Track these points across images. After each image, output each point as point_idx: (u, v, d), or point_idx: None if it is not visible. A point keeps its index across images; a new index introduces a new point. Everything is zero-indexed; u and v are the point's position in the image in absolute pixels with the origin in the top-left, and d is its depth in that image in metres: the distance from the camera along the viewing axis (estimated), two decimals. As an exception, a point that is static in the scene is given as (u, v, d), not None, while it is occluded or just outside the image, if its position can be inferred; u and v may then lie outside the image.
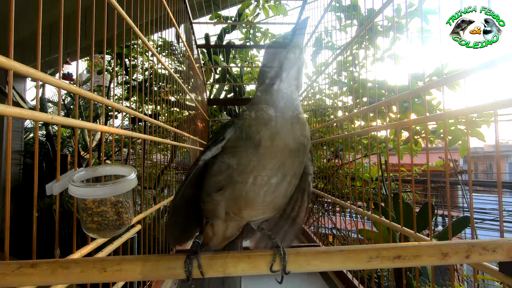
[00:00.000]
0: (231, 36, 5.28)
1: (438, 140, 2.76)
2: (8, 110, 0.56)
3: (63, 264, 0.53)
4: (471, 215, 0.82)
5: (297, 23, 2.94)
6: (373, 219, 1.22)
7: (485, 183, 8.64)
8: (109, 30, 0.98)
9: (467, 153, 0.75)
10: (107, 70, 5.53)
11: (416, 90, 0.94)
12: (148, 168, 1.55)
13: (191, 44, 2.84)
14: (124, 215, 0.71)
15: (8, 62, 0.56)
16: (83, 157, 5.07)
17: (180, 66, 2.60)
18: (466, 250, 0.56)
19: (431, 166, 3.80)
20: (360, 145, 2.28)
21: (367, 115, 1.29)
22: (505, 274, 0.61)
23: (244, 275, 0.57)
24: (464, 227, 1.82)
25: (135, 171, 0.73)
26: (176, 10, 2.01)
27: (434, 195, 5.13)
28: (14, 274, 0.51)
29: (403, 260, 0.57)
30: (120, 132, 1.03)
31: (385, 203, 2.64)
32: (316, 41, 2.39)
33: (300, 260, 0.57)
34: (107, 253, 0.89)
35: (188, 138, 2.40)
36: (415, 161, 3.64)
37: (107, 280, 0.56)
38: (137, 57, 4.42)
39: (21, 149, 5.19)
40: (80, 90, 0.79)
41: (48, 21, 1.49)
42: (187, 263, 0.56)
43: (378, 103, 1.15)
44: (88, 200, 0.67)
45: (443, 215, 4.62)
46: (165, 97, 1.90)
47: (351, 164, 2.97)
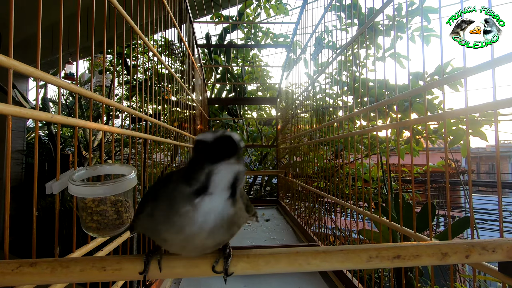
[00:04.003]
0: (232, 36, 5.29)
1: (439, 140, 2.76)
2: (8, 109, 0.56)
3: (63, 263, 0.54)
4: (471, 215, 0.82)
5: (296, 24, 2.94)
6: (374, 219, 1.22)
7: (488, 183, 8.61)
8: (110, 30, 0.98)
9: (467, 153, 0.75)
10: (108, 70, 5.55)
11: (417, 89, 0.94)
12: (149, 167, 1.56)
13: (192, 44, 2.84)
14: (124, 214, 0.71)
15: (8, 61, 0.57)
16: (85, 156, 5.08)
17: (181, 66, 2.60)
18: (465, 250, 0.56)
19: (433, 167, 3.80)
20: (361, 145, 2.28)
21: (368, 115, 1.29)
22: (505, 274, 0.60)
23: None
24: (465, 228, 1.81)
25: (135, 170, 0.73)
26: (176, 10, 2.01)
27: (436, 195, 5.12)
28: (14, 273, 0.52)
29: (403, 260, 0.56)
30: (121, 131, 1.04)
31: (385, 203, 2.64)
32: (316, 40, 2.39)
33: (299, 260, 0.57)
34: (106, 252, 0.90)
35: (189, 137, 2.40)
36: (416, 161, 3.63)
37: (106, 279, 0.56)
38: (138, 56, 4.43)
39: (23, 148, 5.21)
40: (81, 89, 0.80)
41: (50, 21, 1.49)
42: (145, 260, 0.56)
43: (379, 103, 1.15)
44: (87, 199, 0.67)
45: (445, 216, 4.61)
46: (166, 97, 1.90)
47: (352, 164, 2.97)
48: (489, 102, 0.65)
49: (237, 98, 5.08)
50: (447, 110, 0.83)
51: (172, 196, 0.50)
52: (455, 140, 2.15)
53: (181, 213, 0.49)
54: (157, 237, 0.54)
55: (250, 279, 1.57)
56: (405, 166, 3.94)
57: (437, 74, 2.25)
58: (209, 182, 0.47)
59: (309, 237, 2.17)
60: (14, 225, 4.14)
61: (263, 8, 4.63)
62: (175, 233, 0.50)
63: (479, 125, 2.07)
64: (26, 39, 3.52)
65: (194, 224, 0.49)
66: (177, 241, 0.52)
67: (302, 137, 2.71)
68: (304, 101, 2.72)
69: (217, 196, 0.48)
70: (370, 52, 2.93)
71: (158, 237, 0.53)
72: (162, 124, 1.53)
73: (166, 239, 0.52)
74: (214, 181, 0.47)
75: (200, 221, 0.49)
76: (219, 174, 0.46)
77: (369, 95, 1.95)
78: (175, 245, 0.54)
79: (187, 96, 2.48)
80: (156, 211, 0.53)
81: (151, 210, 0.54)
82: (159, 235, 0.52)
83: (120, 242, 1.00)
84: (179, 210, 0.49)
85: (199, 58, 3.48)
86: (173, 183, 0.52)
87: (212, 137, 0.47)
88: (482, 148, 12.23)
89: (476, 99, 0.73)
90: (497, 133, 0.65)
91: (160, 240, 0.54)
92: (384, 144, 2.77)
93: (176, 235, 0.50)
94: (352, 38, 1.46)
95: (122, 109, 1.07)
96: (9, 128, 0.61)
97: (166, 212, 0.51)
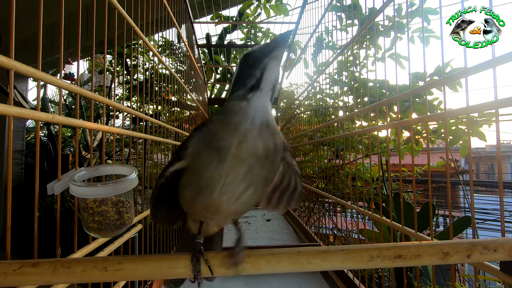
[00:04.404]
0: (232, 36, 5.29)
1: (439, 140, 2.76)
2: (9, 110, 0.56)
3: (65, 263, 0.54)
4: (472, 215, 0.82)
5: (296, 25, 2.94)
6: (374, 218, 1.22)
7: (487, 183, 8.61)
8: (110, 30, 0.98)
9: (468, 152, 0.75)
10: (108, 70, 5.54)
11: (417, 89, 0.94)
12: (149, 167, 1.56)
13: (192, 44, 2.84)
14: (125, 215, 0.71)
15: (9, 62, 0.57)
16: (85, 157, 5.08)
17: (181, 66, 2.60)
18: (467, 249, 0.56)
19: (432, 166, 3.80)
20: (361, 145, 2.28)
21: (368, 115, 1.29)
22: (506, 274, 0.61)
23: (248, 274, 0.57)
24: (465, 227, 1.81)
25: (136, 171, 0.73)
26: (176, 10, 2.01)
27: (435, 195, 5.12)
28: (16, 274, 0.52)
29: (404, 260, 0.56)
30: (121, 131, 1.04)
31: (386, 203, 2.64)
32: (316, 40, 2.39)
33: (301, 260, 0.57)
34: (108, 253, 0.90)
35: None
36: (416, 161, 3.63)
37: (108, 280, 0.56)
38: (138, 57, 4.43)
39: (23, 149, 5.20)
40: (81, 90, 0.80)
41: (49, 21, 1.49)
42: (194, 262, 0.56)
43: (379, 103, 1.15)
44: (89, 200, 0.67)
45: (444, 215, 4.62)
46: (166, 97, 1.90)
47: (352, 164, 2.97)
48: (490, 102, 0.65)
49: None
50: (447, 110, 0.83)
51: (227, 103, 0.59)
52: (455, 140, 2.15)
53: (237, 110, 0.56)
54: (206, 160, 0.55)
55: (251, 279, 1.57)
56: (405, 166, 3.94)
57: (437, 74, 2.25)
58: (262, 77, 0.57)
59: (310, 237, 2.17)
60: (14, 226, 4.14)
61: (263, 9, 4.63)
62: (231, 133, 0.54)
63: (478, 125, 2.08)
64: (25, 40, 3.52)
65: (247, 118, 0.55)
66: (232, 148, 0.54)
67: (302, 137, 2.71)
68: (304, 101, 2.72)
69: (264, 94, 0.57)
70: (370, 53, 2.93)
71: (207, 159, 0.55)
72: (162, 124, 1.53)
73: (220, 151, 0.54)
74: (265, 76, 0.57)
75: (251, 116, 0.55)
76: (270, 69, 0.57)
77: (369, 95, 1.95)
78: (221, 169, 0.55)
79: (188, 96, 2.48)
80: (212, 123, 0.58)
81: (206, 128, 0.58)
82: (218, 145, 0.55)
83: (121, 243, 1.00)
84: (235, 108, 0.56)
85: (200, 58, 3.48)
86: (221, 107, 0.60)
87: (262, 44, 0.60)
88: (481, 148, 12.24)
89: (474, 99, 0.73)
90: (498, 133, 0.65)
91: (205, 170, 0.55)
92: (384, 144, 2.77)
93: (233, 134, 0.54)
94: (353, 38, 1.46)
95: (123, 109, 1.07)
96: (10, 128, 0.61)
97: (223, 118, 0.57)
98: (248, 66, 0.59)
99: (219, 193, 0.56)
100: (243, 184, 0.56)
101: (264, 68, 0.57)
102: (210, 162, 0.55)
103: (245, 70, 0.59)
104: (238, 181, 0.56)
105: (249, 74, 0.58)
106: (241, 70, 0.60)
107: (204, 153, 0.56)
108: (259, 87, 0.57)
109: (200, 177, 0.57)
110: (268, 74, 0.57)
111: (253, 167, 0.56)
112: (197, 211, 0.63)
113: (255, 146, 0.55)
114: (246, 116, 0.55)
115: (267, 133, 0.56)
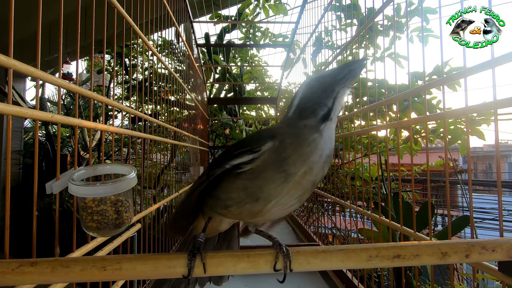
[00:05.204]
0: (231, 35, 5.29)
1: (437, 139, 2.77)
2: (8, 109, 0.56)
3: (63, 262, 0.53)
4: (470, 214, 0.82)
5: (295, 24, 2.94)
6: (373, 218, 1.22)
7: (485, 182, 8.64)
8: (109, 29, 0.98)
9: (467, 152, 0.75)
10: (106, 69, 5.53)
11: (416, 89, 0.94)
12: (148, 167, 1.55)
13: (191, 44, 2.84)
14: (124, 214, 0.71)
15: (8, 61, 0.56)
16: (83, 156, 5.07)
17: (180, 66, 2.60)
18: (465, 249, 0.56)
19: (431, 166, 3.80)
20: (360, 145, 2.28)
21: (367, 114, 1.29)
22: (505, 274, 0.61)
23: (246, 273, 0.57)
24: (464, 227, 1.82)
25: (135, 170, 0.73)
26: (176, 9, 2.01)
27: (434, 194, 5.14)
28: (14, 273, 0.51)
29: (403, 259, 0.57)
30: (120, 131, 1.03)
31: (385, 202, 2.65)
32: (316, 40, 2.39)
33: (300, 259, 0.57)
34: (107, 252, 0.89)
35: (188, 137, 2.40)
36: (415, 160, 3.64)
37: (107, 279, 0.56)
38: (137, 56, 4.42)
39: (21, 149, 5.19)
40: (80, 89, 0.79)
41: (47, 20, 1.48)
42: (189, 257, 0.56)
43: (378, 103, 1.15)
44: (88, 199, 0.67)
45: (443, 215, 4.63)
46: (165, 97, 1.90)
47: (351, 163, 2.97)
48: (489, 102, 0.65)
49: (238, 98, 5.07)
50: (446, 109, 0.83)
51: (297, 128, 0.57)
52: (453, 140, 2.16)
53: (310, 141, 0.55)
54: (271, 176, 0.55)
55: (250, 279, 1.57)
56: (404, 166, 3.95)
57: (436, 74, 2.25)
58: (333, 106, 0.56)
59: (309, 237, 2.17)
60: (12, 226, 4.13)
61: (262, 8, 4.62)
62: (301, 162, 0.54)
63: (476, 124, 2.08)
64: (22, 40, 3.50)
65: (318, 150, 0.55)
66: (297, 176, 0.55)
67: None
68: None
69: (333, 123, 0.57)
70: (369, 52, 2.93)
71: (273, 175, 0.55)
72: (161, 124, 1.53)
73: (287, 175, 0.55)
74: (336, 107, 0.56)
75: (322, 148, 0.55)
76: (341, 97, 0.56)
77: (369, 95, 1.95)
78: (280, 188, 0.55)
79: (187, 95, 2.48)
80: (284, 143, 0.56)
81: (278, 143, 0.56)
82: (286, 167, 0.55)
83: (120, 242, 1.00)
84: (308, 138, 0.55)
85: (199, 58, 3.48)
86: (289, 121, 0.59)
87: (333, 69, 0.57)
88: (479, 148, 12.28)
89: (473, 99, 0.73)
90: (497, 133, 0.65)
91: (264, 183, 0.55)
92: (383, 144, 2.77)
93: (302, 165, 0.54)
94: (352, 37, 1.46)
95: (122, 108, 1.07)
96: (9, 128, 0.61)
97: (296, 143, 0.55)
98: (318, 92, 0.57)
99: (272, 206, 0.58)
100: (294, 201, 0.59)
101: (336, 97, 0.56)
102: (274, 180, 0.56)
103: (315, 96, 0.57)
104: (292, 198, 0.58)
105: (320, 102, 0.57)
106: (310, 94, 0.58)
107: (272, 170, 0.56)
108: (329, 117, 0.56)
109: (260, 188, 0.57)
110: (339, 103, 0.57)
111: (308, 190, 0.59)
112: (235, 213, 0.61)
113: (316, 176, 0.57)
114: (318, 149, 0.56)
115: (327, 163, 0.58)
